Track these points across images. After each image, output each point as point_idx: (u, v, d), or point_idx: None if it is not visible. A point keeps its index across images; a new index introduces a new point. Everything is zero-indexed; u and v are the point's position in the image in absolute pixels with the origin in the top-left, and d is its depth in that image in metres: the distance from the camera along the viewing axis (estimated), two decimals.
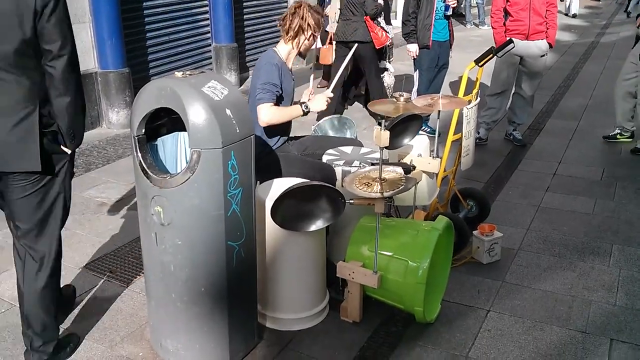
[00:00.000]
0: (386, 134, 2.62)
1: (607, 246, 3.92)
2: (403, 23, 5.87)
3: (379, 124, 2.68)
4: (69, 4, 2.40)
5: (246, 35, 8.61)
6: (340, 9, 6.27)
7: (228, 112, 2.36)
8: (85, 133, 2.69)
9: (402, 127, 2.78)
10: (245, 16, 8.52)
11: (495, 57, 4.00)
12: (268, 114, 3.26)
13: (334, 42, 6.43)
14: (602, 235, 4.08)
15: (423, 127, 5.65)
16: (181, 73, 2.44)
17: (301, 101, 3.46)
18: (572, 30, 13.93)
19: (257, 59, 8.57)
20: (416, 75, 5.99)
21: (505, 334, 3.04)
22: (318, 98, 3.44)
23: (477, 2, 14.20)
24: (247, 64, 8.73)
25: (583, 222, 4.28)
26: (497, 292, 3.41)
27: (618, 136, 6.08)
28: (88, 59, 6.00)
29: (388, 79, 6.86)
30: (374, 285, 2.89)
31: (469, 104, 3.60)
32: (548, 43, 5.60)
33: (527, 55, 5.57)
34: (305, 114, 3.41)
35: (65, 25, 2.30)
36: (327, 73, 7.60)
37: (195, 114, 2.29)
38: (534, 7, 5.41)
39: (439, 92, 6.16)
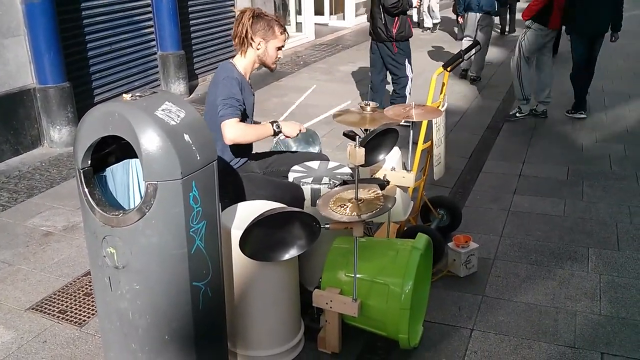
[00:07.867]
0: (361, 152, 2.40)
1: (583, 250, 3.81)
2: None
3: (349, 137, 2.46)
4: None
5: (193, 42, 8.26)
6: None
7: (187, 137, 2.09)
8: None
9: (377, 142, 2.56)
10: (191, 22, 8.17)
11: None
12: (235, 131, 2.96)
13: None
14: (577, 238, 3.97)
15: None
16: (129, 95, 2.15)
17: (272, 120, 3.18)
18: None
19: (206, 67, 8.48)
20: (408, 67, 5.85)
21: (492, 355, 2.86)
22: (291, 124, 3.18)
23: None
24: (196, 72, 8.38)
25: (556, 225, 4.17)
26: (478, 308, 3.24)
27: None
28: (25, 74, 5.57)
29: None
30: (354, 314, 2.67)
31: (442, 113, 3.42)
32: None
33: None
34: (275, 134, 3.14)
35: None
36: None
37: (149, 142, 2.01)
38: None
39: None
